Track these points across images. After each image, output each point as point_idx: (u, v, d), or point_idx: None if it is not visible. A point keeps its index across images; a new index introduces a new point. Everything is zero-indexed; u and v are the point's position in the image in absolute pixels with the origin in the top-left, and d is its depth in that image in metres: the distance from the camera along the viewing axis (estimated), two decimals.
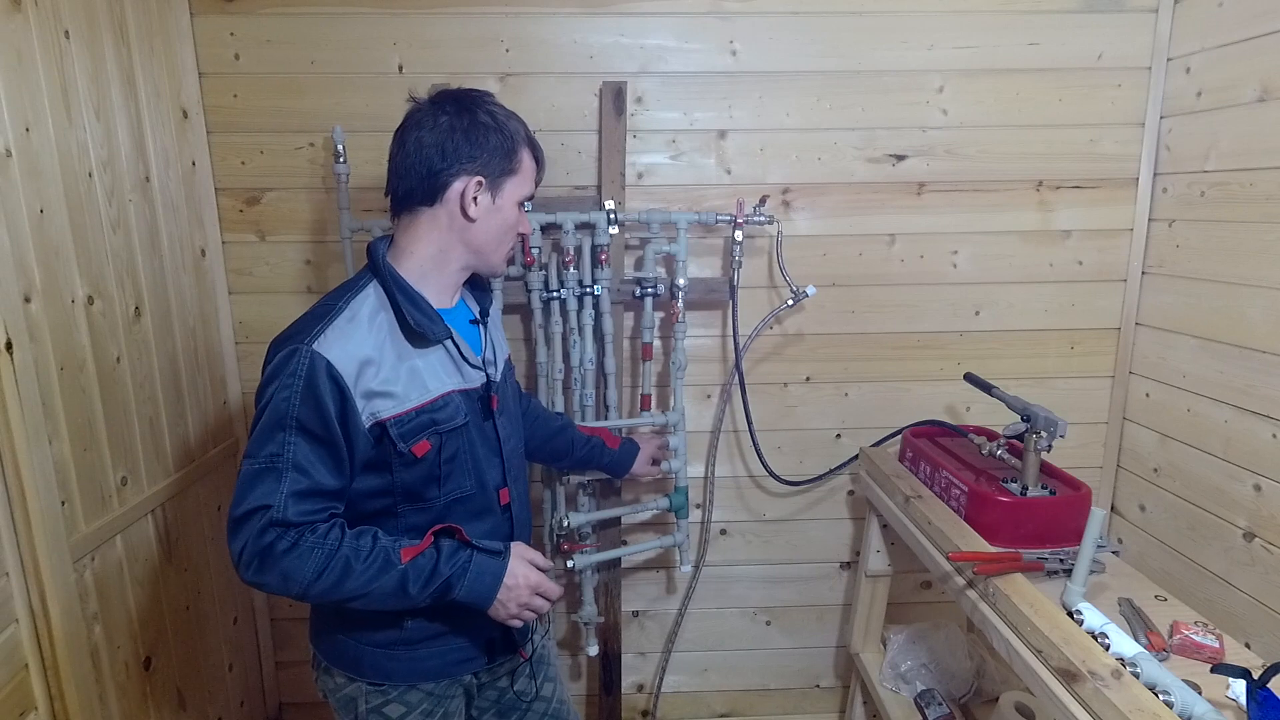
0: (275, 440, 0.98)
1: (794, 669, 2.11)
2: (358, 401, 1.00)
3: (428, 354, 1.08)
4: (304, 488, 0.98)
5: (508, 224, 1.13)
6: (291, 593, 0.99)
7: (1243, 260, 1.56)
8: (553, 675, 1.36)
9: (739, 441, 1.93)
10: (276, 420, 0.98)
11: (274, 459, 0.97)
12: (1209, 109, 1.65)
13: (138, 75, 1.47)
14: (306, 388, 0.97)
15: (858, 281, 1.86)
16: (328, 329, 1.01)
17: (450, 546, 1.05)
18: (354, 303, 1.05)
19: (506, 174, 1.10)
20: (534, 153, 1.15)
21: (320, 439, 0.99)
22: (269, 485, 0.97)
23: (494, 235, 1.12)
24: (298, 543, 0.97)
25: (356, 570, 0.99)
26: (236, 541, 0.97)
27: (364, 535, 1.02)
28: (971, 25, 1.74)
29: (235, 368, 1.82)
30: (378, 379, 1.02)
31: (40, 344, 1.17)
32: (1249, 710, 0.96)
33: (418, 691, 1.15)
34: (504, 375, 1.23)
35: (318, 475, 0.99)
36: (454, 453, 1.10)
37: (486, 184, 1.09)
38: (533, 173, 1.15)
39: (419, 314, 1.06)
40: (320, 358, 0.98)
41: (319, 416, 0.98)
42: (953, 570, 1.34)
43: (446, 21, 1.69)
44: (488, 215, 1.10)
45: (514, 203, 1.13)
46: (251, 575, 0.98)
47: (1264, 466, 1.50)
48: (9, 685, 1.12)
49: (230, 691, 1.79)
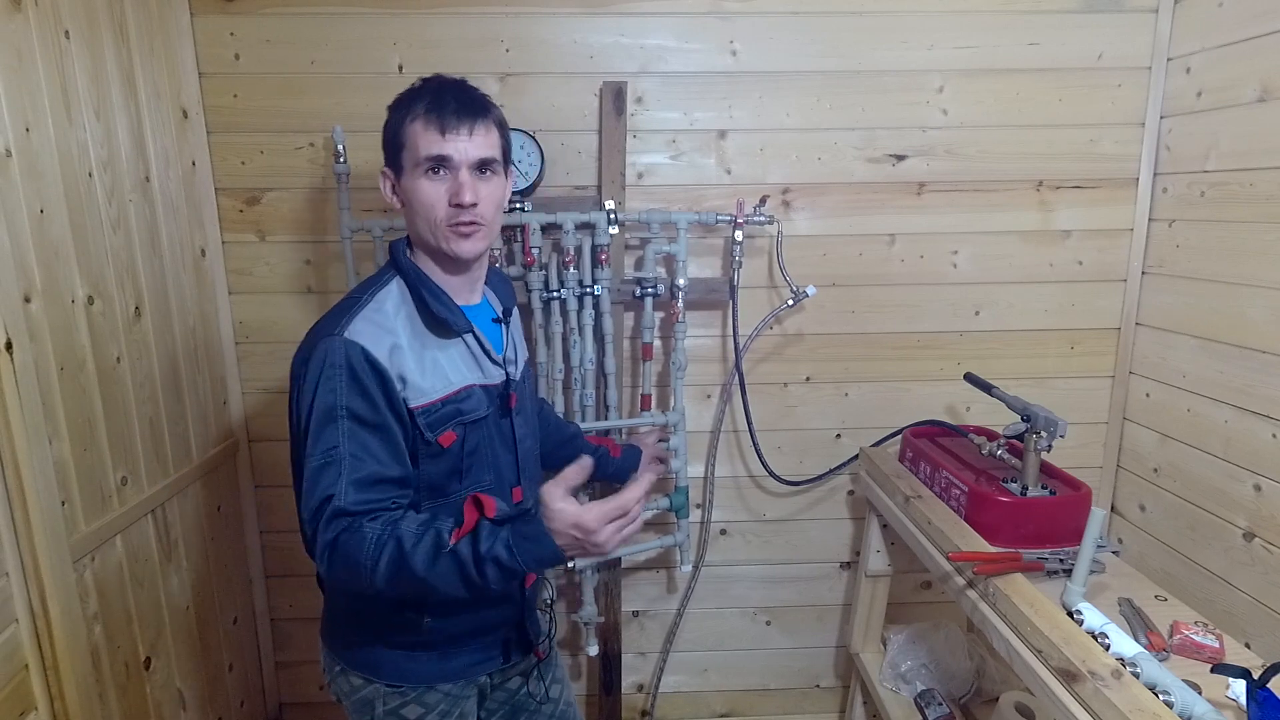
0: (328, 434, 0.97)
1: (794, 669, 2.11)
2: (396, 383, 1.00)
3: (449, 347, 1.08)
4: (363, 475, 0.97)
5: (419, 199, 1.04)
6: (363, 584, 0.95)
7: (1243, 260, 1.56)
8: (560, 676, 1.37)
9: (739, 441, 1.93)
10: (326, 413, 0.97)
11: (331, 452, 0.96)
12: (1209, 109, 1.64)
13: (138, 75, 1.47)
14: (350, 376, 0.97)
15: (858, 281, 1.86)
16: (356, 318, 1.01)
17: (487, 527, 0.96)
18: (379, 295, 1.06)
19: (399, 150, 1.05)
20: (428, 108, 1.03)
21: (372, 425, 0.98)
22: (330, 477, 0.96)
23: (416, 215, 1.06)
24: (355, 529, 0.95)
25: (411, 555, 0.93)
26: (316, 542, 0.96)
27: (416, 520, 0.97)
28: (971, 25, 1.74)
29: (235, 368, 1.82)
30: (406, 366, 1.02)
31: (40, 344, 1.17)
32: (1249, 710, 0.96)
33: (435, 693, 1.14)
34: (523, 376, 1.23)
35: (376, 461, 0.98)
36: (476, 445, 1.10)
37: (390, 171, 1.08)
38: (424, 130, 1.02)
39: (440, 305, 1.07)
40: (355, 345, 0.98)
41: (367, 402, 0.98)
42: (953, 570, 1.34)
43: (446, 21, 1.69)
44: (405, 200, 1.07)
45: (415, 174, 1.04)
46: (328, 571, 0.96)
47: (1264, 466, 1.50)
48: (9, 685, 1.12)
49: (230, 691, 1.79)
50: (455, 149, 1.03)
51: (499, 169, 1.09)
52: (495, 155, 1.07)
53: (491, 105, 1.08)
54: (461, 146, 1.03)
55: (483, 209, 1.05)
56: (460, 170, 1.03)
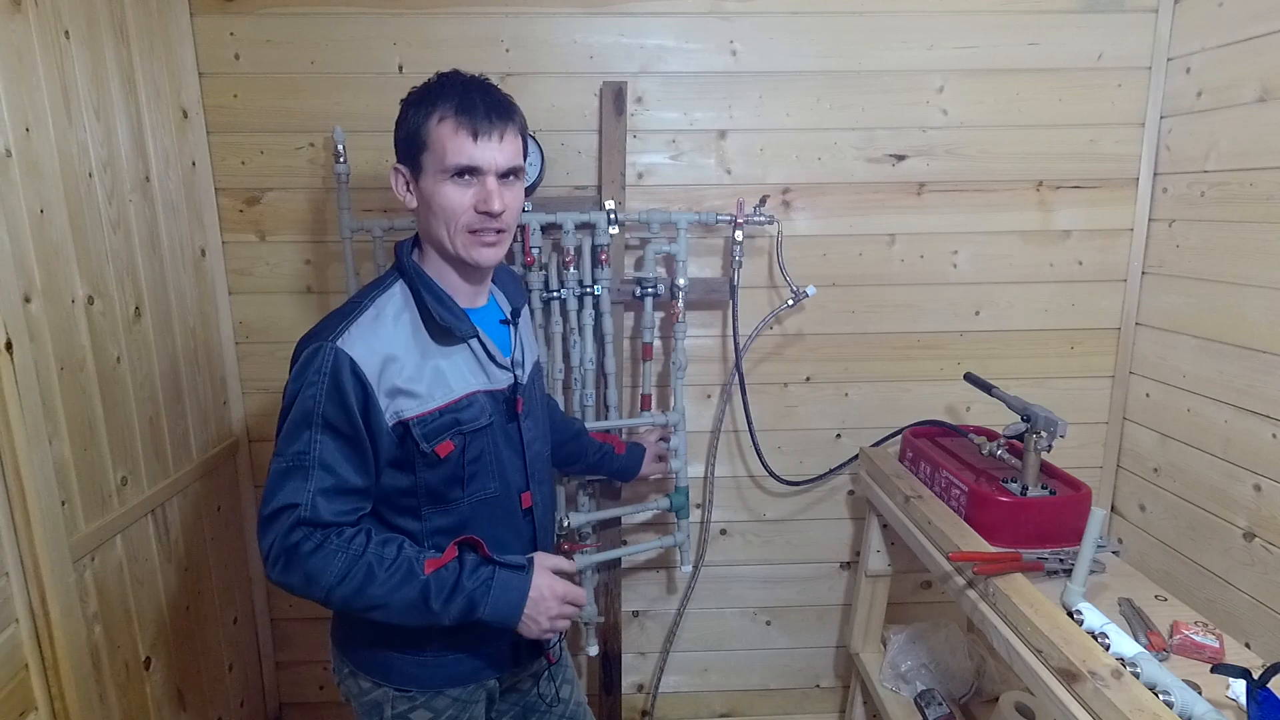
0: (302, 438, 0.98)
1: (794, 669, 2.11)
2: (381, 399, 1.00)
3: (453, 353, 1.07)
4: (330, 485, 0.98)
5: (441, 204, 1.02)
6: (315, 595, 0.99)
7: (1243, 260, 1.56)
8: (570, 677, 1.36)
9: (739, 441, 1.93)
10: (303, 417, 0.98)
11: (301, 457, 0.98)
12: (1209, 109, 1.64)
13: (138, 75, 1.47)
14: (332, 385, 0.98)
15: (858, 281, 1.86)
16: (351, 326, 1.01)
17: (473, 560, 1.04)
18: (379, 301, 1.05)
19: (420, 151, 1.03)
20: (457, 110, 1.00)
21: (346, 437, 0.99)
22: (296, 483, 0.97)
23: (435, 219, 1.04)
24: (323, 544, 0.97)
25: (379, 578, 0.98)
26: (265, 539, 0.98)
27: (390, 543, 1.01)
28: (971, 25, 1.74)
29: (235, 368, 1.82)
30: (401, 377, 1.01)
31: (40, 344, 1.17)
32: (1249, 710, 0.96)
33: (444, 697, 1.14)
34: (531, 377, 1.21)
35: (344, 473, 0.99)
36: (478, 454, 1.09)
37: (406, 169, 1.07)
38: (453, 133, 1.00)
39: (444, 310, 1.06)
40: (344, 355, 0.98)
41: (344, 414, 0.98)
42: (953, 570, 1.34)
43: (446, 21, 1.69)
44: (423, 201, 1.05)
45: (440, 178, 1.02)
46: (278, 575, 0.98)
47: (1264, 466, 1.50)
48: (9, 685, 1.12)
49: (230, 691, 1.79)
50: (486, 156, 1.01)
51: (521, 175, 1.09)
52: (521, 164, 1.08)
53: (516, 108, 1.07)
54: (492, 153, 1.02)
55: (507, 216, 1.05)
56: (489, 178, 1.02)
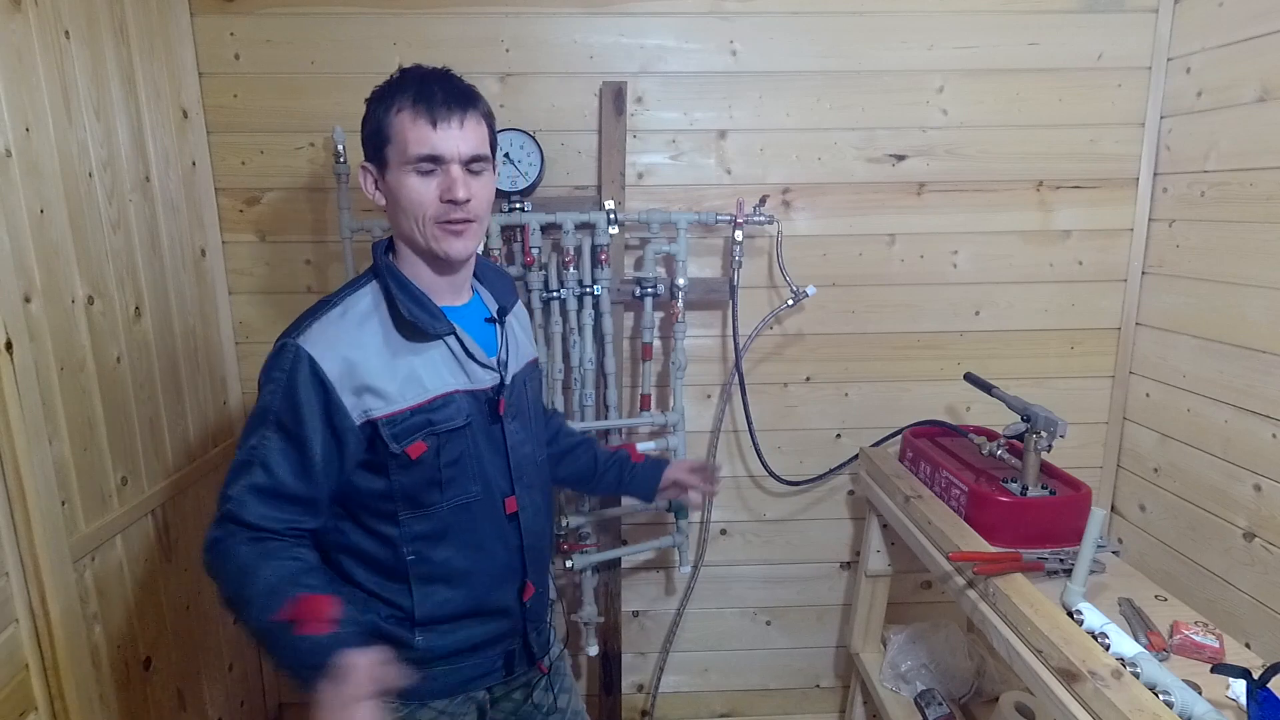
0: (257, 433, 0.98)
1: (794, 669, 2.11)
2: (346, 398, 0.98)
3: (427, 351, 1.04)
4: (263, 484, 0.97)
5: (408, 197, 1.00)
6: (218, 590, 0.96)
7: (1243, 260, 1.56)
8: (568, 686, 1.32)
9: (739, 441, 1.93)
10: (260, 413, 0.98)
11: (252, 451, 0.98)
12: (1209, 109, 1.64)
13: (138, 75, 1.47)
14: (289, 384, 0.97)
15: (858, 281, 1.86)
16: (314, 324, 1.00)
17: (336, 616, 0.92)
18: (349, 299, 1.04)
19: (384, 145, 1.01)
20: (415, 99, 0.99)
21: (292, 436, 0.98)
22: (237, 477, 0.98)
23: (402, 213, 1.02)
24: (234, 545, 0.95)
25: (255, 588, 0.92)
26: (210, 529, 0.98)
27: (298, 563, 0.96)
28: (971, 25, 1.74)
29: (235, 368, 1.82)
30: (367, 376, 0.99)
31: (40, 344, 1.17)
32: (1249, 710, 0.96)
33: (429, 709, 1.10)
34: (523, 379, 1.17)
35: (280, 474, 0.97)
36: (456, 456, 1.06)
37: (373, 166, 1.05)
38: (412, 122, 0.98)
39: (417, 308, 1.03)
40: (305, 353, 0.97)
41: (294, 414, 0.97)
42: (953, 570, 1.34)
43: (446, 21, 1.69)
44: (390, 196, 1.03)
45: (404, 170, 1.00)
46: (206, 563, 0.98)
47: (1264, 466, 1.50)
48: (9, 685, 1.12)
49: (230, 691, 1.79)
50: (447, 144, 0.99)
51: (489, 165, 1.05)
52: (486, 152, 1.04)
53: (479, 96, 1.04)
54: (453, 141, 0.99)
55: (475, 205, 1.02)
56: (452, 165, 1.00)
